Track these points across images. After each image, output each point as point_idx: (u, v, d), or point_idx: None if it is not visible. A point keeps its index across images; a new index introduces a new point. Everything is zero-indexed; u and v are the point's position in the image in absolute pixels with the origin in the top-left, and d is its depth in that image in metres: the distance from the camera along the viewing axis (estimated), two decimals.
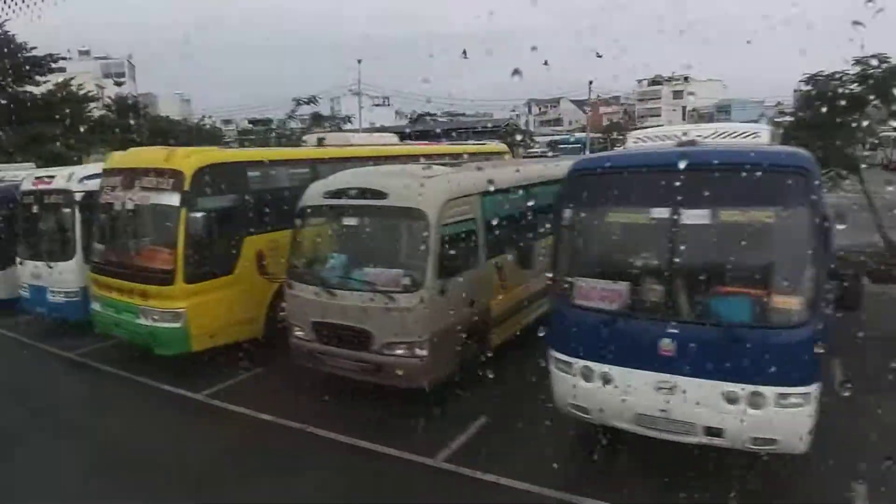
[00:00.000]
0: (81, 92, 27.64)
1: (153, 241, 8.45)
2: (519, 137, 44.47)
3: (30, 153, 21.90)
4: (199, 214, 8.11)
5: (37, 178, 11.02)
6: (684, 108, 66.08)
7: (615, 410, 5.56)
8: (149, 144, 28.49)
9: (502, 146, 16.79)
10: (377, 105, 58.27)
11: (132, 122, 29.72)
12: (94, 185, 10.42)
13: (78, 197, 10.30)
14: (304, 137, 12.04)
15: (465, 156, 13.91)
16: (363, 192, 7.21)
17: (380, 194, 7.10)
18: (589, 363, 5.67)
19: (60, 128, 24.66)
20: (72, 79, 27.90)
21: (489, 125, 49.23)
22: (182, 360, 8.48)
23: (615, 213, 5.93)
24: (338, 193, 7.38)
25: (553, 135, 58.77)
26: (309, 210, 7.67)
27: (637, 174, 5.78)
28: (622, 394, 5.47)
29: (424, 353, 6.84)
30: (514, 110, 58.45)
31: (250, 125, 69.58)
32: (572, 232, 6.01)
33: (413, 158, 12.09)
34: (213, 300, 8.45)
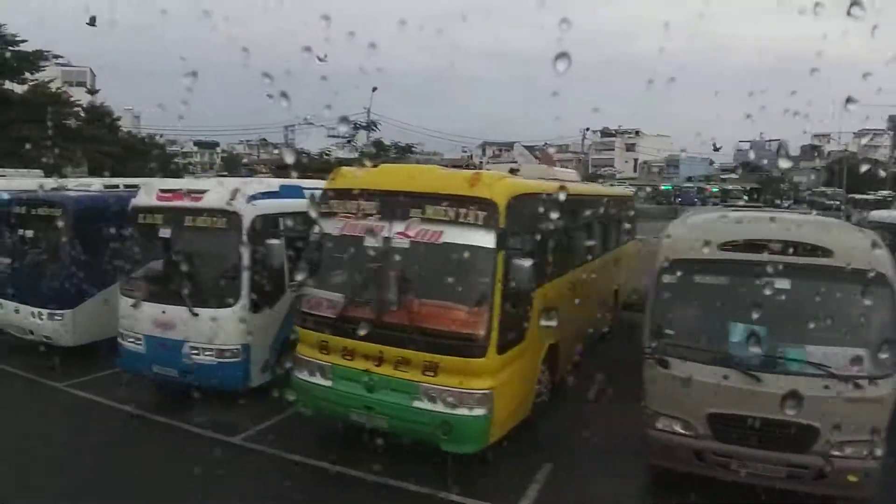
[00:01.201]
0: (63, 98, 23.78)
1: (446, 294, 6.09)
2: None
3: (13, 158, 18.10)
4: (520, 261, 6.06)
5: (166, 191, 8.19)
6: (636, 160, 68.89)
7: None
8: (124, 160, 24.97)
9: (629, 191, 15.54)
10: (331, 136, 55.58)
11: (106, 134, 25.90)
12: (267, 206, 8.12)
13: (247, 222, 7.78)
14: (487, 166, 10.05)
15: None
16: (796, 247, 5.57)
17: (823, 251, 5.50)
18: None
19: (45, 133, 20.86)
20: (50, 81, 23.95)
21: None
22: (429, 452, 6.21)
23: None
24: (747, 246, 5.68)
25: None
26: (693, 265, 5.88)
27: None
28: None
29: (881, 453, 5.28)
30: (465, 150, 58.08)
31: (195, 147, 64.48)
32: None
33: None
34: (513, 375, 6.37)
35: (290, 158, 18.17)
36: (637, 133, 69.36)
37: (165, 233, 8.05)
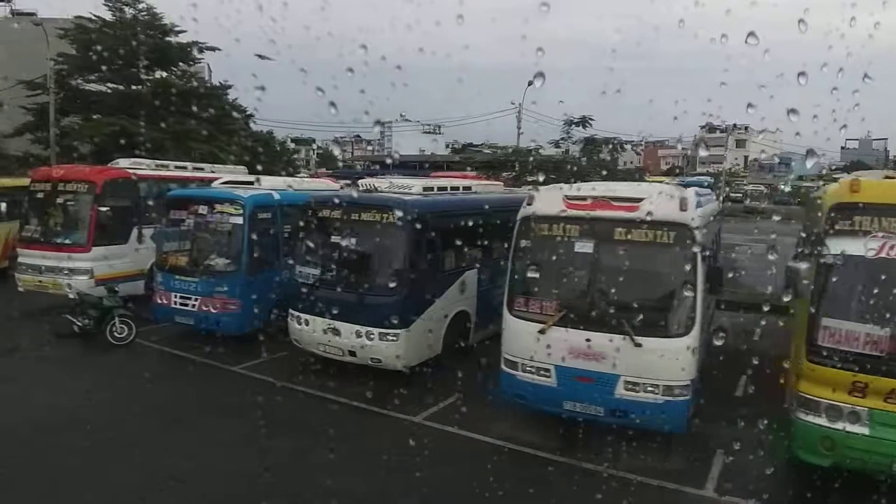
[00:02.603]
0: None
1: None
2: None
3: (174, 151, 17.75)
4: None
5: (577, 198, 6.98)
6: (746, 157, 66.04)
7: None
8: (250, 154, 24.37)
9: None
10: (427, 132, 54.59)
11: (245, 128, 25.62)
12: (703, 214, 7.06)
13: (700, 235, 6.59)
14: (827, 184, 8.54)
15: None
16: None
17: None
18: None
19: (205, 126, 20.51)
20: (197, 73, 23.70)
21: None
22: None
23: None
24: None
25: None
26: None
27: None
28: None
29: None
30: (559, 146, 56.02)
31: (292, 143, 64.43)
32: None
33: None
34: None
35: None
36: (745, 129, 66.09)
37: (584, 247, 6.90)
